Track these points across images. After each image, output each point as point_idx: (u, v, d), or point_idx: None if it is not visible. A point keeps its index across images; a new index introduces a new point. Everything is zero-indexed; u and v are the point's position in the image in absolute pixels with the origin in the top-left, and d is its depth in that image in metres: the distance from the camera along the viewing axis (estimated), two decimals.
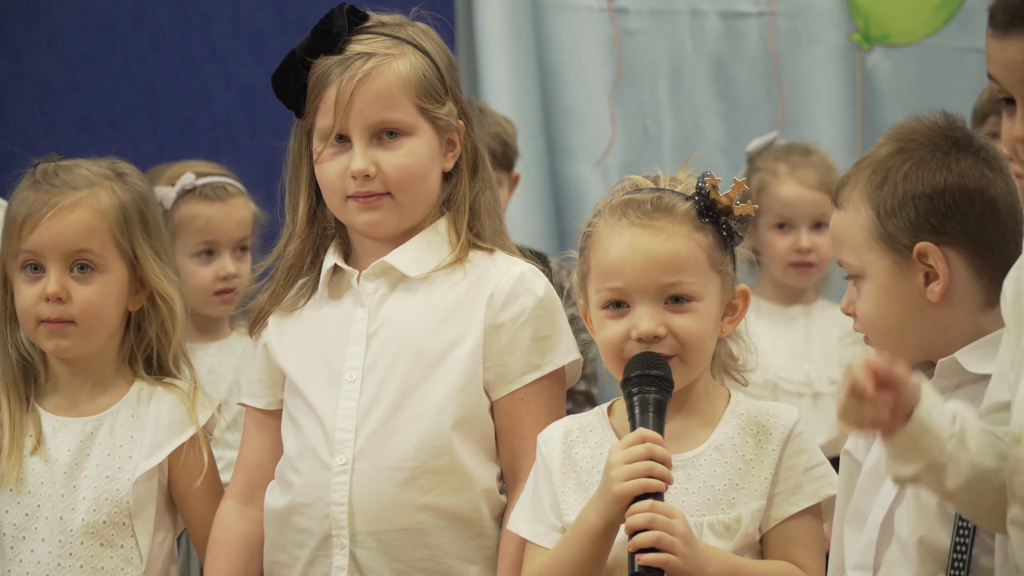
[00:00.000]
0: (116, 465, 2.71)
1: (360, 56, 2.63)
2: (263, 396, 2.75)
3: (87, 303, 2.70)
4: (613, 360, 2.43)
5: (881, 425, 2.02)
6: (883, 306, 2.29)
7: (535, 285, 2.64)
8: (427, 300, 2.65)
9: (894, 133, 2.37)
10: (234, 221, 3.79)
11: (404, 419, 2.60)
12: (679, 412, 2.43)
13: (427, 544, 2.59)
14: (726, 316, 2.48)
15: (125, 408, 2.75)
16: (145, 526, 2.72)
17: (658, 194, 2.44)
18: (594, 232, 2.46)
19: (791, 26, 4.48)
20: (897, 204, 2.30)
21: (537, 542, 2.45)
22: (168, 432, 2.74)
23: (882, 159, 2.33)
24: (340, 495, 2.59)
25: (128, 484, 2.70)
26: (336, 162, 2.65)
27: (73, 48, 4.16)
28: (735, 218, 2.45)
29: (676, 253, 2.40)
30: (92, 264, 2.71)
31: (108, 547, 2.69)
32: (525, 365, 2.62)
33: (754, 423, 2.45)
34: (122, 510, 2.70)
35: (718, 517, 2.39)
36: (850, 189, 2.35)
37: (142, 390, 2.76)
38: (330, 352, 2.66)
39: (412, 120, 2.65)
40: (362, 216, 2.65)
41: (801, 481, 2.42)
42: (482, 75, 4.33)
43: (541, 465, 2.49)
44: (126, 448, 2.73)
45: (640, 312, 2.40)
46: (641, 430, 2.30)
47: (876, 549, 2.30)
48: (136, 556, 2.71)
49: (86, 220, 2.70)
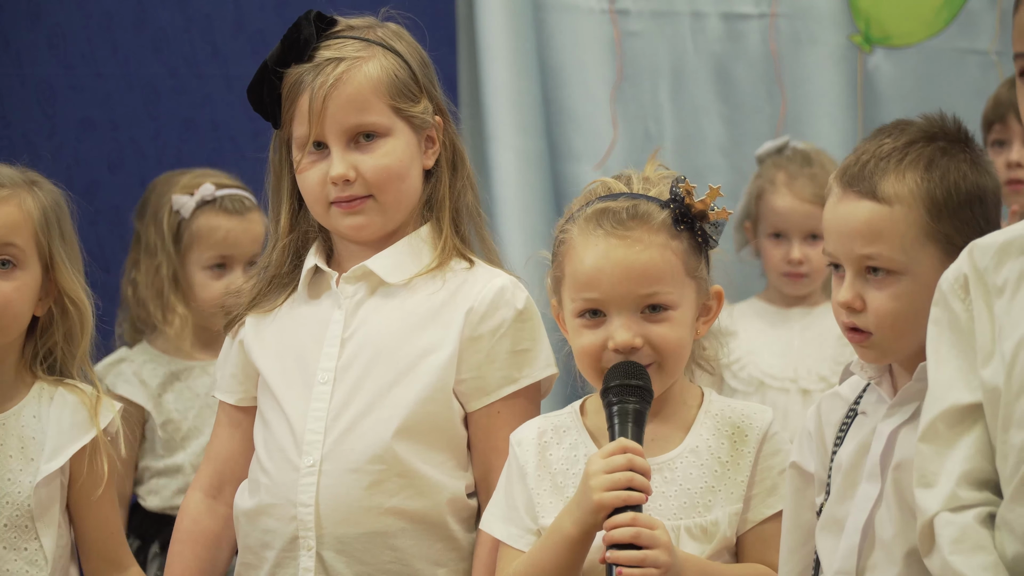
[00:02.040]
0: (17, 467, 2.66)
1: (330, 62, 2.63)
2: (236, 392, 2.75)
3: (7, 299, 2.66)
4: (590, 369, 2.42)
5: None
6: (917, 303, 2.25)
7: (515, 298, 2.64)
8: (404, 306, 2.65)
9: (922, 126, 2.33)
10: (251, 236, 3.78)
11: (370, 422, 2.60)
12: (654, 416, 2.43)
13: (393, 547, 2.59)
14: (700, 317, 2.47)
15: (27, 409, 2.71)
16: (49, 528, 2.67)
17: (633, 202, 2.42)
18: (568, 239, 2.45)
19: (792, 28, 4.48)
20: (956, 206, 2.26)
21: (512, 544, 2.45)
22: (70, 435, 2.70)
23: (931, 156, 2.29)
24: (307, 496, 2.60)
25: (29, 487, 2.65)
26: (315, 170, 2.65)
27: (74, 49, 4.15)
28: (710, 223, 2.44)
29: (652, 263, 2.39)
30: (15, 260, 2.68)
31: (12, 550, 2.65)
32: (503, 378, 2.63)
33: (729, 424, 2.45)
34: (23, 513, 2.65)
35: (695, 520, 2.39)
36: (894, 184, 2.27)
37: (43, 390, 2.72)
38: (304, 352, 2.67)
39: (387, 121, 2.65)
40: (346, 220, 2.65)
41: (777, 483, 2.42)
42: (483, 77, 4.32)
43: (515, 466, 2.49)
44: (28, 450, 2.68)
45: (616, 323, 2.39)
46: (622, 440, 2.30)
47: (858, 554, 2.29)
48: (41, 558, 2.66)
49: (14, 215, 2.68)
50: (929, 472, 2.09)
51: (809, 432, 2.43)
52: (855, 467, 2.33)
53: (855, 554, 2.29)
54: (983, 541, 2.04)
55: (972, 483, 2.07)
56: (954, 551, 2.03)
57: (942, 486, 2.07)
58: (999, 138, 3.84)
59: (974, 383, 2.09)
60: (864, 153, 2.31)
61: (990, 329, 2.09)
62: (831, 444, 2.40)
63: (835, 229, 2.31)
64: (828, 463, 2.39)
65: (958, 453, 2.08)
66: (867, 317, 2.30)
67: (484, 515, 2.53)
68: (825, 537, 2.35)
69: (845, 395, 2.42)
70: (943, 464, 2.08)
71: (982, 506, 2.06)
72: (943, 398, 2.11)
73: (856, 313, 2.30)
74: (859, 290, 2.30)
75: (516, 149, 4.32)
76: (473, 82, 4.39)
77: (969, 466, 2.07)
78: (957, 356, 2.11)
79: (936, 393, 2.12)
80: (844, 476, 2.34)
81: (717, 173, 4.42)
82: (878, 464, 2.30)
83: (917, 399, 2.27)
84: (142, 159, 4.20)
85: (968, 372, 2.10)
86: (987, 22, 4.49)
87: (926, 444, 2.11)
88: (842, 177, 2.31)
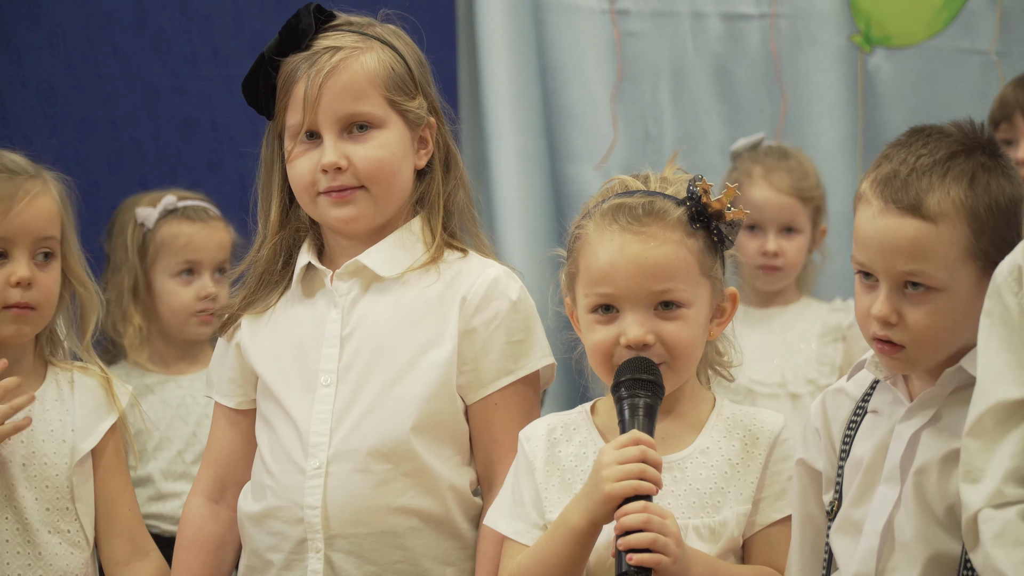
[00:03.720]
0: (52, 451, 2.70)
1: (327, 50, 2.63)
2: (235, 395, 2.74)
3: (49, 289, 2.72)
4: (601, 365, 2.42)
5: None
6: (953, 318, 2.23)
7: (509, 288, 2.64)
8: (400, 301, 2.64)
9: (958, 138, 2.29)
10: (215, 242, 3.85)
11: (375, 422, 2.60)
12: (666, 415, 2.43)
13: (402, 547, 2.59)
14: (714, 319, 2.47)
15: (48, 393, 2.74)
16: (88, 508, 2.72)
17: (649, 198, 2.42)
18: (583, 234, 2.45)
19: (792, 28, 4.48)
20: (996, 222, 2.25)
21: (517, 539, 2.45)
22: (96, 415, 2.75)
23: (973, 172, 2.26)
24: (314, 499, 2.59)
25: (67, 468, 2.69)
26: (307, 158, 2.64)
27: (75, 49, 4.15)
28: (726, 223, 2.44)
29: (667, 260, 2.39)
30: (52, 251, 2.73)
31: (55, 533, 2.68)
32: (499, 370, 2.62)
33: (740, 427, 2.45)
34: (63, 495, 2.69)
35: (704, 520, 2.39)
36: (940, 201, 2.24)
37: (58, 374, 2.76)
38: (303, 353, 2.66)
39: (382, 112, 2.64)
40: (335, 211, 2.64)
41: (786, 488, 2.42)
42: (483, 77, 4.32)
43: (523, 462, 2.49)
44: (58, 432, 2.71)
45: (629, 319, 2.39)
46: (635, 432, 2.29)
47: (878, 556, 2.28)
48: (82, 539, 2.71)
49: (51, 207, 2.74)
50: (975, 467, 2.08)
51: (816, 429, 2.42)
52: (872, 469, 2.32)
53: (875, 557, 2.28)
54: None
55: (1018, 480, 2.06)
56: (995, 545, 2.03)
57: (987, 482, 2.06)
58: (1006, 137, 3.87)
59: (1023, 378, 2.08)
60: (902, 165, 2.27)
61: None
62: (839, 442, 2.39)
63: (876, 243, 2.27)
64: (836, 461, 2.38)
65: (1005, 449, 2.07)
66: (902, 332, 2.27)
67: (489, 511, 2.52)
68: (841, 538, 2.35)
69: (851, 392, 2.41)
70: (989, 460, 2.07)
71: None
72: (991, 392, 2.09)
73: (890, 327, 2.27)
74: (896, 304, 2.27)
75: (516, 149, 4.31)
76: (473, 82, 4.39)
77: (1015, 463, 2.06)
78: (1007, 350, 2.09)
79: (984, 387, 2.10)
80: (861, 477, 2.33)
81: (717, 173, 4.41)
82: (898, 467, 2.29)
83: (938, 403, 2.27)
84: (142, 159, 4.20)
85: (1017, 367, 2.08)
86: (987, 22, 4.49)
87: (973, 439, 2.10)
88: (882, 189, 2.27)
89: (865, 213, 2.28)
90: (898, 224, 2.25)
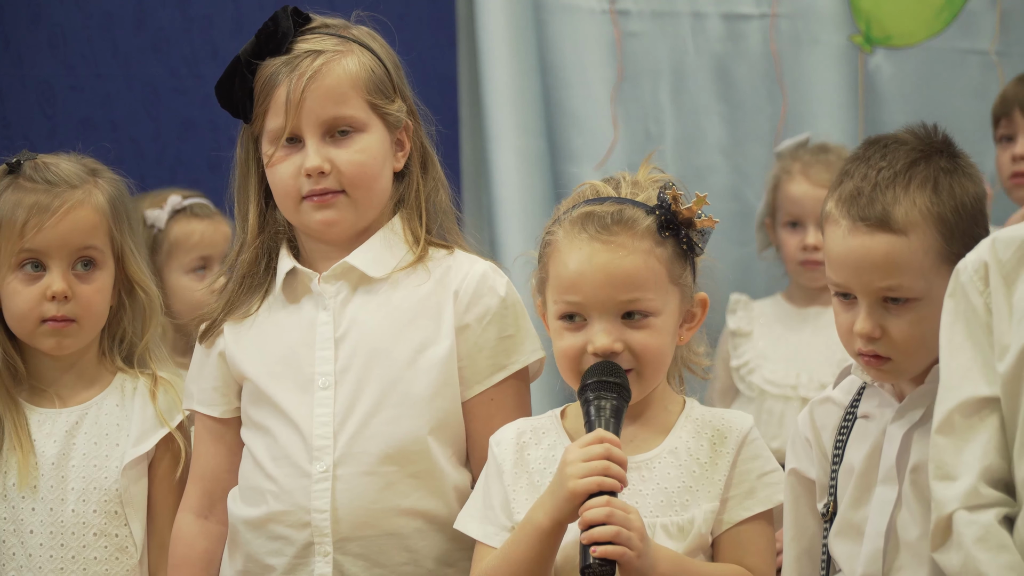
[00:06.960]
0: (103, 453, 2.71)
1: (309, 54, 2.63)
2: (218, 404, 2.72)
3: (89, 301, 2.72)
4: (569, 372, 2.42)
5: None
6: (935, 323, 2.21)
7: (497, 284, 2.64)
8: (391, 301, 2.64)
9: (915, 144, 2.30)
10: (223, 236, 3.90)
11: (381, 423, 2.59)
12: (634, 420, 2.43)
13: (408, 548, 2.58)
14: (684, 324, 2.47)
15: (110, 398, 2.75)
16: (138, 513, 2.72)
17: (619, 207, 2.42)
18: (554, 240, 2.45)
19: (793, 28, 4.47)
20: (965, 224, 2.26)
21: (487, 542, 2.45)
22: (154, 421, 2.75)
23: (935, 177, 2.26)
24: (322, 502, 2.58)
25: (116, 472, 2.70)
26: (288, 163, 2.64)
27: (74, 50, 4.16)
28: (696, 231, 2.43)
29: (635, 269, 2.38)
30: (94, 261, 2.73)
31: (101, 536, 2.69)
32: (492, 365, 2.63)
33: (709, 427, 2.44)
34: (112, 498, 2.70)
35: (671, 519, 2.38)
36: (907, 212, 2.25)
37: (125, 382, 2.77)
38: (295, 356, 2.64)
39: (364, 116, 2.64)
40: (317, 215, 2.63)
41: (755, 486, 2.41)
42: (484, 77, 4.32)
43: (493, 465, 2.49)
44: (112, 436, 2.73)
45: (597, 327, 2.39)
46: (599, 431, 2.30)
47: (884, 558, 2.29)
48: (131, 544, 2.71)
49: (91, 218, 2.73)
50: (947, 464, 2.08)
51: (806, 439, 2.42)
52: (867, 471, 2.32)
53: (880, 558, 2.29)
54: (1005, 541, 2.04)
55: (992, 480, 2.06)
56: (980, 549, 2.03)
57: (962, 481, 2.06)
58: (1006, 133, 3.90)
59: (991, 376, 2.07)
60: (864, 180, 2.27)
61: (1008, 323, 2.08)
62: (831, 449, 2.39)
63: (850, 263, 2.27)
64: (830, 468, 2.38)
65: (976, 447, 2.07)
66: (887, 345, 2.28)
67: (460, 515, 2.53)
68: (842, 542, 2.35)
69: (838, 400, 2.41)
70: (961, 457, 2.07)
71: (1000, 507, 2.06)
72: (958, 388, 2.10)
73: (875, 341, 2.28)
74: (878, 319, 2.27)
75: (516, 149, 4.32)
76: (473, 82, 4.39)
77: (988, 462, 2.06)
78: (972, 347, 2.10)
79: (951, 383, 2.11)
80: (856, 481, 2.33)
81: (717, 173, 4.42)
82: (894, 467, 2.29)
83: (927, 401, 2.26)
84: (142, 159, 4.21)
85: (984, 365, 2.08)
86: (987, 22, 4.49)
87: (942, 436, 2.10)
88: (848, 207, 2.27)
89: (835, 234, 2.28)
90: (869, 242, 2.25)
